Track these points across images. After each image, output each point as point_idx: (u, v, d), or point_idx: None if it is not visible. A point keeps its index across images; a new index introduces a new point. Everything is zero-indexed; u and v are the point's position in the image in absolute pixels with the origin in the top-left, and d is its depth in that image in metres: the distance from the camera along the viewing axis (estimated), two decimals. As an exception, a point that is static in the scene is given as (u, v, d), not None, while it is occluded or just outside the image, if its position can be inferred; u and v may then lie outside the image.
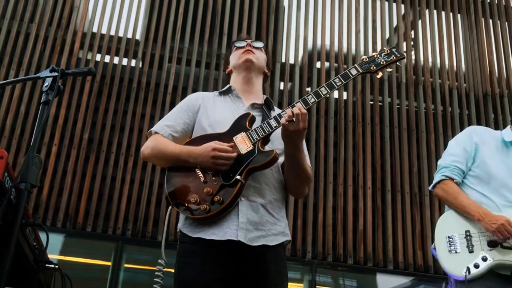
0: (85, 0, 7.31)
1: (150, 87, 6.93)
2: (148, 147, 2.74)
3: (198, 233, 2.51)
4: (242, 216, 2.50)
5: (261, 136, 2.58)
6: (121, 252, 6.17)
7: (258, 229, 2.53)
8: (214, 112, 2.79)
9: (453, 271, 2.91)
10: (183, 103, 2.89)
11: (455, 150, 3.28)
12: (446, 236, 3.02)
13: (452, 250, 2.96)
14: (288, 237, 2.67)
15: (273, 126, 2.59)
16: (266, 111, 2.79)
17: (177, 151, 2.64)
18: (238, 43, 3.00)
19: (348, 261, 6.52)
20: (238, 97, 2.87)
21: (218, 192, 2.50)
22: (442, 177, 3.22)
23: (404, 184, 6.96)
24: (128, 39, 7.20)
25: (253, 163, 2.52)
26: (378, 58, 2.77)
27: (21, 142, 6.37)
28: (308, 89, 7.38)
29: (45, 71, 2.40)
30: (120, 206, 6.30)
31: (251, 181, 2.57)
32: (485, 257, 2.86)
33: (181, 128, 2.77)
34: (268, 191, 2.63)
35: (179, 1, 7.51)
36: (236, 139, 2.60)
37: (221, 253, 2.47)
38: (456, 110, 7.58)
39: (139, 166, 6.50)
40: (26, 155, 2.12)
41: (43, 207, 6.14)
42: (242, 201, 2.53)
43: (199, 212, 2.50)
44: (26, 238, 2.44)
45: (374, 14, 7.98)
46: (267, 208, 2.60)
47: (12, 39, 6.85)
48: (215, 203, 2.48)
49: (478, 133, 3.30)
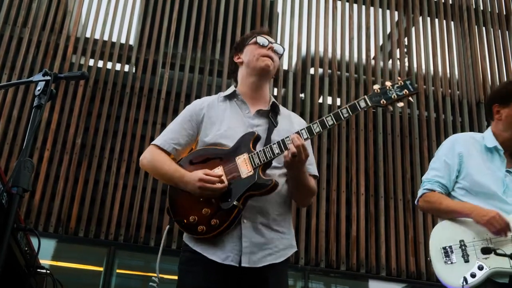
0: (79, 5, 7.29)
1: (144, 92, 6.92)
2: (146, 159, 2.73)
3: (199, 248, 2.51)
4: (245, 241, 2.48)
5: (263, 162, 2.51)
6: (113, 258, 6.14)
7: (264, 249, 2.51)
8: (219, 121, 2.73)
9: (451, 282, 2.88)
10: (187, 112, 2.82)
11: (435, 164, 3.26)
12: (441, 248, 3.00)
13: (447, 261, 2.94)
14: (295, 248, 2.66)
15: (275, 153, 2.52)
16: (272, 119, 2.74)
17: (169, 174, 2.63)
18: (261, 40, 2.83)
19: (341, 268, 6.51)
20: (243, 103, 2.80)
21: (215, 215, 2.48)
22: (423, 190, 3.21)
23: (397, 190, 6.96)
24: (121, 44, 7.18)
25: (252, 189, 2.48)
26: (390, 91, 2.63)
27: (13, 147, 6.34)
28: (302, 95, 7.38)
29: (38, 75, 2.39)
30: (113, 212, 6.28)
31: (252, 202, 2.53)
32: (481, 266, 2.84)
33: (185, 141, 2.73)
34: (271, 209, 2.59)
35: (173, 7, 7.50)
36: (238, 160, 2.55)
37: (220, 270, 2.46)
38: (449, 117, 7.60)
39: (132, 171, 6.48)
40: (18, 159, 2.11)
41: (35, 212, 6.10)
42: (245, 223, 2.51)
43: (196, 232, 2.50)
44: (18, 243, 2.42)
45: (367, 21, 8.00)
46: (271, 226, 2.57)
47: (5, 43, 6.82)
48: (212, 226, 2.47)
49: (461, 143, 3.26)
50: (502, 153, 3.19)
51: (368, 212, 6.83)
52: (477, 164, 3.16)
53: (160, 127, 6.65)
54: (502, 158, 3.18)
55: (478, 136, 3.33)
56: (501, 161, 3.18)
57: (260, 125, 2.70)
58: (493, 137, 3.24)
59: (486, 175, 3.11)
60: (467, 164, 3.16)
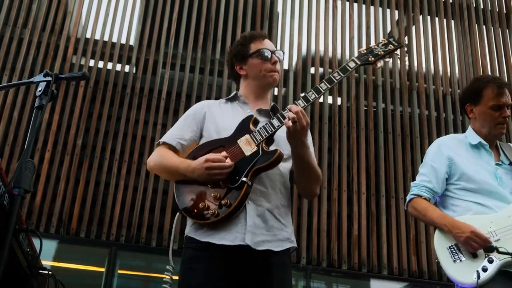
0: (79, 5, 7.29)
1: (144, 92, 6.92)
2: (152, 160, 2.78)
3: (207, 237, 2.52)
4: (249, 220, 2.51)
5: (265, 136, 2.58)
6: (114, 258, 6.14)
7: (264, 234, 2.53)
8: (221, 118, 2.79)
9: (462, 279, 2.87)
10: (189, 112, 2.89)
11: (423, 169, 3.31)
12: (447, 247, 3.00)
13: (456, 260, 2.94)
14: (294, 244, 2.67)
15: (275, 126, 2.59)
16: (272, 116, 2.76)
17: (176, 165, 2.66)
18: (265, 53, 2.84)
19: (342, 267, 6.51)
20: (245, 103, 2.87)
21: (225, 196, 2.51)
22: (411, 196, 3.26)
23: (398, 189, 6.96)
24: (122, 45, 7.18)
25: (258, 163, 2.53)
26: (376, 48, 2.76)
27: (14, 148, 6.33)
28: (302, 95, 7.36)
29: (39, 75, 2.39)
30: (114, 212, 6.28)
31: (257, 185, 2.58)
32: (491, 259, 2.84)
33: (189, 136, 2.77)
34: (274, 196, 2.63)
35: (173, 7, 7.50)
36: (241, 142, 2.61)
37: (226, 259, 2.48)
38: (450, 115, 7.60)
39: (132, 172, 6.48)
40: (19, 160, 2.10)
41: (36, 213, 6.10)
42: (249, 204, 2.54)
43: (208, 216, 2.51)
44: (20, 244, 2.42)
45: (367, 20, 8.00)
46: (273, 213, 2.61)
47: (5, 44, 6.81)
48: (223, 206, 2.49)
49: (447, 145, 3.30)
50: (487, 147, 3.27)
51: (370, 211, 6.83)
52: (468, 162, 3.21)
53: (161, 127, 6.65)
54: (489, 153, 3.26)
55: (461, 136, 3.41)
56: (488, 155, 3.25)
57: (261, 122, 2.73)
58: (475, 134, 3.31)
59: (480, 171, 3.16)
60: (460, 165, 3.20)
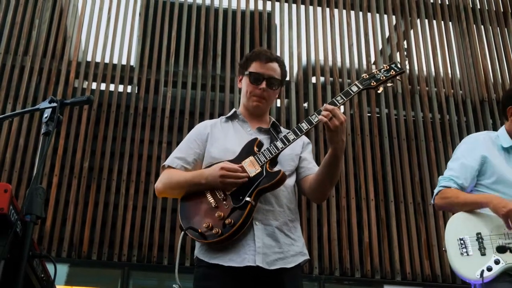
0: (78, 29, 7.34)
1: (147, 112, 6.94)
2: (161, 182, 2.79)
3: (215, 259, 2.53)
4: (258, 241, 2.52)
5: (268, 158, 2.61)
6: (127, 279, 6.13)
7: (276, 252, 2.55)
8: (223, 139, 2.82)
9: (466, 274, 2.88)
10: (192, 134, 2.92)
11: (452, 164, 3.27)
12: (457, 238, 2.99)
13: (464, 253, 2.93)
14: (306, 256, 2.69)
15: (279, 148, 2.63)
16: (273, 134, 2.82)
17: (188, 179, 2.69)
18: (254, 77, 2.85)
19: (355, 275, 6.48)
20: (244, 121, 2.90)
21: (229, 215, 2.52)
22: (439, 188, 3.21)
23: (407, 194, 6.94)
24: (122, 66, 7.21)
25: (262, 184, 2.55)
26: (378, 74, 2.80)
27: (21, 175, 6.36)
28: (305, 105, 7.39)
29: (44, 102, 2.41)
30: (124, 233, 6.28)
31: (264, 204, 2.60)
32: (498, 260, 2.84)
33: (192, 159, 2.80)
34: (282, 213, 2.65)
35: (171, 26, 7.54)
36: (245, 163, 2.63)
37: (238, 278, 2.48)
38: (454, 117, 7.59)
39: (140, 192, 6.49)
40: (29, 187, 2.12)
41: (47, 238, 6.11)
42: (257, 225, 2.56)
43: (211, 236, 2.51)
44: (34, 270, 2.42)
45: (365, 27, 8.02)
46: (283, 230, 2.63)
47: (7, 73, 6.85)
48: (227, 225, 2.49)
49: (483, 145, 3.25)
50: None
51: (379, 217, 6.81)
52: (502, 164, 3.16)
53: (166, 146, 6.66)
54: None
55: (493, 135, 3.34)
56: None
57: (264, 144, 2.76)
58: (508, 136, 3.26)
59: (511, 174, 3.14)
60: (493, 165, 3.15)
